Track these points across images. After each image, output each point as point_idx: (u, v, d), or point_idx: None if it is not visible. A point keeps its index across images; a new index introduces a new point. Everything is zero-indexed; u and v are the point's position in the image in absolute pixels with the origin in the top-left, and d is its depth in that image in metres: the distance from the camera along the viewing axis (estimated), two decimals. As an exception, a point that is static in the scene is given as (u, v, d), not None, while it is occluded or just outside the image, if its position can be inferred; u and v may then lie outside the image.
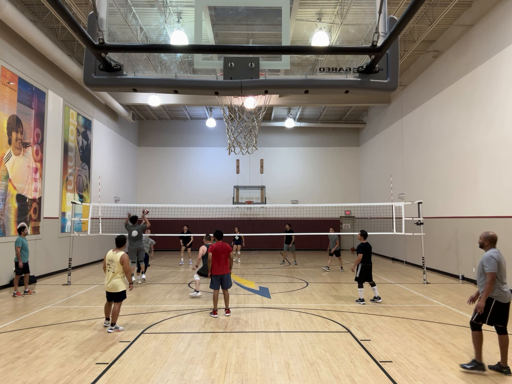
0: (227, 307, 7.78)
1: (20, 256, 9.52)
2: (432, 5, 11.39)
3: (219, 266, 7.58)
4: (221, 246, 7.66)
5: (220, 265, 7.58)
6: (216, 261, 7.60)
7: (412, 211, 13.36)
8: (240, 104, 10.54)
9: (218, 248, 7.63)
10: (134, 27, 12.08)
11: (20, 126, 11.51)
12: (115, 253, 6.71)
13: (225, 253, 7.66)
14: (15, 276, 9.74)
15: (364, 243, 8.99)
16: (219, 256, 7.59)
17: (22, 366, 5.08)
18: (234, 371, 4.92)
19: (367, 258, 8.87)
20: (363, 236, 9.16)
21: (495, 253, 4.86)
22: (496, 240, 5.06)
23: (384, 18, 3.30)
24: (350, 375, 4.77)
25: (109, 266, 6.71)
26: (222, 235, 7.89)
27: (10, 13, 9.69)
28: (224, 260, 7.63)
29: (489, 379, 4.66)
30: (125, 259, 6.67)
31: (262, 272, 14.03)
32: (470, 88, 11.72)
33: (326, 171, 23.88)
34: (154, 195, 23.26)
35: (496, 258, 4.80)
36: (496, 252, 4.88)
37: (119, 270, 6.63)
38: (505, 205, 10.10)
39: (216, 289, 7.64)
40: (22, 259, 9.56)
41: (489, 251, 4.94)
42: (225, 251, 7.65)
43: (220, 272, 7.59)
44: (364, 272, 8.80)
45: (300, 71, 14.88)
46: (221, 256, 7.59)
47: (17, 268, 9.62)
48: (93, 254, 16.54)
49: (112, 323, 6.67)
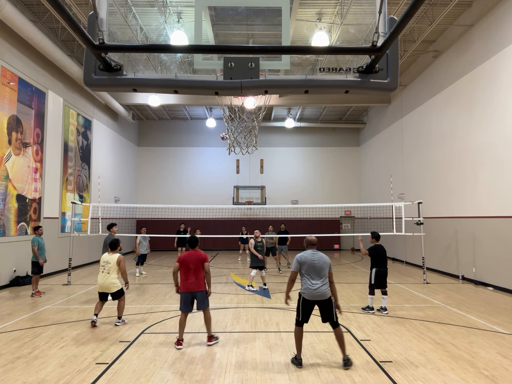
0: (209, 333, 6.07)
1: (38, 255, 9.54)
2: (432, 5, 11.39)
3: (186, 281, 5.96)
4: (191, 255, 6.08)
5: (189, 280, 5.96)
6: (183, 274, 6.02)
7: (412, 211, 13.35)
8: (240, 104, 10.55)
9: (186, 258, 6.05)
10: (134, 27, 12.08)
11: (20, 126, 11.51)
12: (110, 254, 7.01)
13: (196, 264, 6.01)
14: (33, 276, 9.69)
15: (375, 246, 8.05)
16: (188, 268, 5.99)
17: (22, 366, 5.08)
18: (234, 371, 4.92)
19: (381, 262, 7.91)
20: (374, 238, 8.15)
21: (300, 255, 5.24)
22: (314, 243, 5.35)
23: (384, 18, 3.30)
24: (350, 375, 4.77)
25: (103, 267, 6.95)
26: (196, 242, 6.23)
27: (10, 13, 9.70)
28: (195, 274, 5.98)
29: (489, 379, 4.66)
30: (121, 259, 6.96)
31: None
32: (470, 88, 11.72)
33: (326, 171, 23.88)
34: (154, 195, 23.26)
35: (298, 259, 5.20)
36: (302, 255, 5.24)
37: (114, 270, 6.91)
38: (505, 205, 10.10)
39: (183, 311, 5.99)
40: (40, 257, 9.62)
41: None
42: (196, 262, 6.02)
43: (189, 288, 5.94)
44: (378, 277, 7.85)
45: (300, 71, 14.89)
46: (190, 268, 5.98)
47: (34, 267, 9.61)
48: (93, 254, 16.53)
49: (119, 316, 7.03)
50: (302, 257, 5.20)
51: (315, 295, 5.07)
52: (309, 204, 21.71)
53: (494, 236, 10.55)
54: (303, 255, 5.21)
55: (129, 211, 21.50)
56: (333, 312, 5.13)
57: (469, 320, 7.36)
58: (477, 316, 7.60)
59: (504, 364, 5.12)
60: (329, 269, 5.23)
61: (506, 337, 6.30)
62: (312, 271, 5.13)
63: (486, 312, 7.92)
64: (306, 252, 5.27)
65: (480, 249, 11.21)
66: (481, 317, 7.55)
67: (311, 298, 5.09)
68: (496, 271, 10.44)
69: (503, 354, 5.51)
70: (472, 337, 6.29)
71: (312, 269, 5.13)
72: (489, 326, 6.91)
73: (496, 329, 6.72)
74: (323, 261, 5.19)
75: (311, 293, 5.08)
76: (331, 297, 5.15)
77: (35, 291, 9.60)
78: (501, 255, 10.21)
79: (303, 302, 5.15)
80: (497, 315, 7.67)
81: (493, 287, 10.53)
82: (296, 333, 5.21)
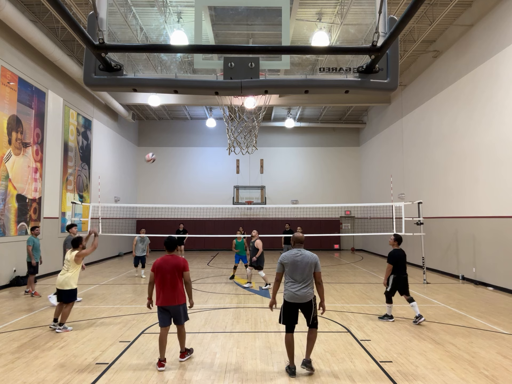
0: (182, 348, 5.30)
1: (32, 255, 9.53)
2: (432, 5, 11.39)
3: (163, 293, 5.02)
4: (168, 262, 5.08)
5: (165, 291, 5.01)
6: (158, 284, 5.06)
7: (412, 211, 13.35)
8: (240, 104, 10.54)
9: (162, 265, 5.06)
10: (134, 27, 12.08)
11: (20, 126, 11.51)
12: (71, 252, 6.87)
13: (174, 274, 5.04)
14: (30, 276, 9.69)
15: (396, 250, 7.40)
16: (164, 277, 5.03)
17: (22, 366, 5.07)
18: (234, 371, 4.92)
19: (401, 268, 7.26)
20: (396, 241, 7.48)
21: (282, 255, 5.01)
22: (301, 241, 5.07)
23: (384, 18, 3.30)
24: (350, 375, 4.77)
25: (64, 265, 6.86)
26: (174, 245, 5.26)
27: (10, 13, 9.70)
28: (171, 285, 5.02)
29: (489, 379, 4.66)
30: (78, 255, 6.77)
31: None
32: (470, 88, 11.72)
33: (326, 171, 23.88)
34: (154, 195, 23.26)
35: (280, 259, 4.97)
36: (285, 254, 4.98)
37: (73, 268, 6.74)
38: (505, 205, 10.10)
39: (162, 326, 5.10)
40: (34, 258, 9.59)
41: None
42: (173, 271, 5.04)
43: (164, 302, 5.02)
44: (396, 284, 7.23)
45: (300, 71, 14.88)
46: (166, 278, 5.01)
47: (29, 267, 9.61)
48: (93, 254, 16.49)
49: (61, 323, 6.66)
50: (284, 257, 4.92)
51: (294, 297, 4.81)
52: (309, 204, 21.70)
53: (494, 236, 10.55)
54: (285, 255, 4.93)
55: (129, 211, 21.49)
56: (311, 316, 4.87)
57: (469, 320, 7.36)
58: (477, 316, 7.60)
59: (504, 364, 5.12)
60: (316, 269, 4.89)
61: (506, 337, 6.30)
62: (294, 272, 4.84)
63: (486, 312, 7.92)
64: (290, 252, 4.96)
65: (480, 249, 11.21)
66: (481, 317, 7.55)
67: (291, 300, 4.83)
68: (496, 271, 10.44)
69: (503, 354, 5.51)
70: (472, 337, 6.29)
71: (294, 270, 4.85)
72: (489, 326, 6.91)
73: (496, 329, 6.72)
74: (306, 262, 4.84)
75: (290, 295, 4.83)
76: (312, 300, 4.87)
77: (34, 291, 9.59)
78: (501, 255, 10.21)
79: (284, 305, 4.91)
80: (497, 315, 7.67)
81: (493, 287, 10.52)
82: (286, 341, 4.89)
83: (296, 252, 4.92)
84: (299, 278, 4.83)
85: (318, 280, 4.92)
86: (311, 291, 4.87)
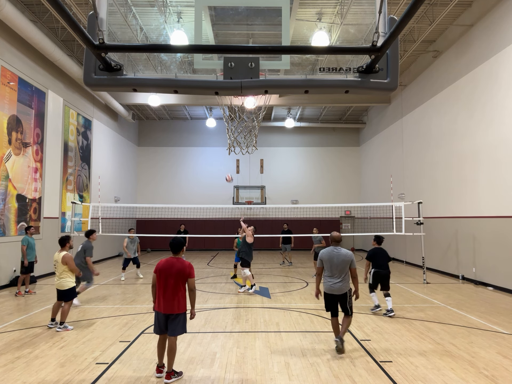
0: (170, 368, 4.64)
1: (25, 254, 9.52)
2: (432, 5, 11.39)
3: (163, 298, 4.60)
4: (173, 266, 4.63)
5: (166, 297, 4.59)
6: (159, 287, 4.64)
7: (412, 211, 13.35)
8: (240, 104, 10.54)
9: (166, 268, 4.63)
10: (134, 27, 12.08)
11: (20, 126, 11.51)
12: (58, 253, 6.81)
13: (177, 280, 4.62)
14: (20, 275, 9.71)
15: (374, 248, 8.01)
16: (166, 281, 4.61)
17: (22, 366, 5.07)
18: (234, 371, 4.92)
19: (379, 265, 7.81)
20: (375, 241, 8.15)
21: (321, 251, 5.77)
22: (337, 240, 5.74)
23: (384, 18, 3.30)
24: (350, 375, 4.77)
25: (54, 266, 6.82)
26: (180, 246, 4.76)
27: (10, 13, 9.70)
28: (174, 290, 4.60)
29: (489, 379, 4.66)
30: (68, 258, 6.71)
31: (262, 272, 14.04)
32: (470, 88, 11.72)
33: (326, 171, 23.88)
34: (154, 195, 23.26)
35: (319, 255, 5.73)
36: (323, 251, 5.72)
37: (62, 270, 6.70)
38: (505, 205, 10.10)
39: (158, 333, 4.73)
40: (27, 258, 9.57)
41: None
42: (177, 276, 4.61)
43: (166, 309, 4.59)
44: (376, 278, 7.82)
45: (300, 71, 14.86)
46: (169, 283, 4.59)
47: (22, 267, 9.61)
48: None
49: (61, 321, 6.69)
50: (322, 253, 5.65)
51: (331, 289, 5.55)
52: (309, 204, 21.69)
53: (494, 236, 10.55)
54: (324, 252, 5.65)
55: (129, 211, 21.49)
56: (347, 306, 5.59)
57: (469, 320, 7.36)
58: (477, 316, 7.60)
59: (504, 364, 5.12)
60: (351, 265, 5.58)
61: (506, 337, 6.30)
62: (331, 267, 5.55)
63: (486, 312, 7.92)
64: (328, 249, 5.66)
65: (480, 249, 11.21)
66: (481, 317, 7.55)
67: (328, 292, 5.59)
68: (496, 271, 10.44)
69: (503, 354, 5.51)
70: (472, 337, 6.30)
71: (330, 265, 5.55)
72: (489, 326, 6.91)
73: (496, 329, 6.72)
74: (342, 259, 5.53)
75: (327, 287, 5.60)
76: (348, 292, 5.58)
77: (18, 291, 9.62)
78: (501, 255, 10.21)
79: (324, 295, 5.71)
80: (497, 315, 7.67)
81: (493, 287, 10.52)
82: (331, 324, 5.71)
83: (332, 250, 5.62)
84: (335, 272, 5.55)
85: (354, 275, 5.62)
86: (347, 285, 5.57)
